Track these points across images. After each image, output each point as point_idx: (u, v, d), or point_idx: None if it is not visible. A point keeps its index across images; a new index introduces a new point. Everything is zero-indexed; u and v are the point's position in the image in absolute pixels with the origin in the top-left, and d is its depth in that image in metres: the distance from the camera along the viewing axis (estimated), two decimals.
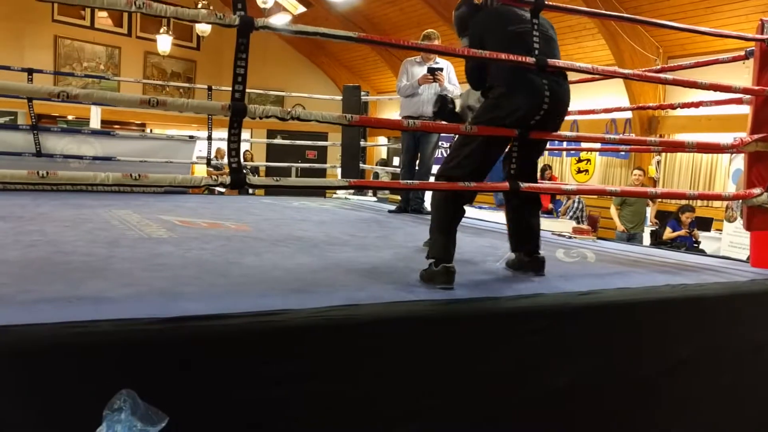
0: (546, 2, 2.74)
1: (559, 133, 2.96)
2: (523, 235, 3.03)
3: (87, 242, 3.33)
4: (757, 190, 3.50)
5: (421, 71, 5.69)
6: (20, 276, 2.45)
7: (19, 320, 1.76)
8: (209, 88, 7.04)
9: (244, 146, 12.99)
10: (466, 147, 2.75)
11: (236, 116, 2.29)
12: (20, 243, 3.18)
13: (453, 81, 5.78)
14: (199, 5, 10.83)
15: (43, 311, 1.92)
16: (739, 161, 5.72)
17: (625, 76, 3.58)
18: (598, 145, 6.91)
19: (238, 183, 2.20)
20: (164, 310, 1.99)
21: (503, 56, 2.63)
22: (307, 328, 2.02)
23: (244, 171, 2.28)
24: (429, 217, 5.65)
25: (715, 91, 3.56)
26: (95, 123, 9.66)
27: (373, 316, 2.18)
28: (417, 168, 5.86)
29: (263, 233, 4.13)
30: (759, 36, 3.49)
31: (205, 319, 1.92)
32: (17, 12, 12.31)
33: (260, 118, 2.39)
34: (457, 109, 3.37)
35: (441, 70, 5.63)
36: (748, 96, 3.64)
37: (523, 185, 2.84)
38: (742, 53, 3.70)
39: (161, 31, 12.18)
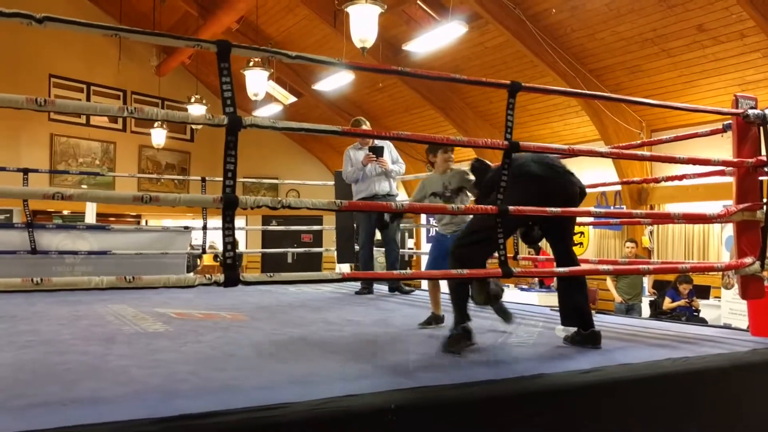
0: (524, 84, 2.99)
1: (541, 208, 3.01)
2: (570, 314, 3.37)
3: (82, 340, 3.30)
4: (748, 259, 3.52)
5: (363, 154, 5.87)
6: (13, 379, 2.42)
7: (11, 428, 1.73)
8: (203, 180, 7.13)
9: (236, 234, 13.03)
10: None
11: (228, 209, 2.33)
12: (14, 344, 3.16)
13: (395, 158, 6.04)
14: (192, 99, 11.11)
15: (36, 417, 1.89)
16: (731, 228, 5.80)
17: (605, 155, 3.67)
18: (590, 218, 6.98)
19: (232, 281, 2.21)
20: (161, 409, 1.96)
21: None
22: (305, 422, 1.99)
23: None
24: (410, 296, 5.74)
25: (693, 164, 3.65)
26: (90, 217, 9.72)
27: (373, 407, 2.15)
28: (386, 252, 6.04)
29: (260, 322, 4.10)
30: (734, 110, 3.59)
31: (201, 417, 1.89)
32: (14, 112, 12.58)
33: (251, 208, 2.43)
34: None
35: (381, 148, 5.80)
36: (730, 168, 3.72)
37: (517, 269, 2.86)
38: (721, 126, 3.80)
39: (155, 125, 12.44)
